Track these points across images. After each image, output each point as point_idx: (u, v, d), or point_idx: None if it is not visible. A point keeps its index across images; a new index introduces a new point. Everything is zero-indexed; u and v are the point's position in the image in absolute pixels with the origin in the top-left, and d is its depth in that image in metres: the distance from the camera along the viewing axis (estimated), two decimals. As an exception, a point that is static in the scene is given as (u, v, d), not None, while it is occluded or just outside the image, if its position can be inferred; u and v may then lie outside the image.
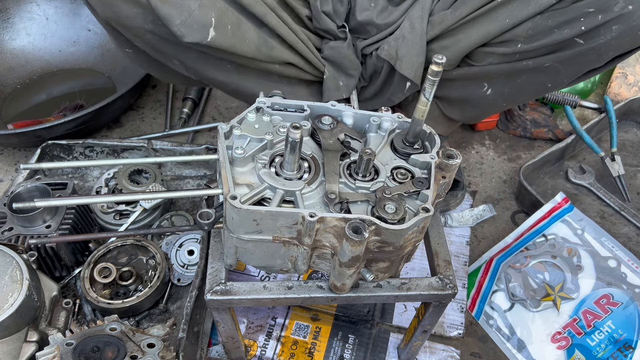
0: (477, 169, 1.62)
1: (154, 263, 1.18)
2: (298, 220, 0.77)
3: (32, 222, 1.10)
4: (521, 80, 1.13)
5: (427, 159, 0.87)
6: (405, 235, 0.78)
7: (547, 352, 1.19)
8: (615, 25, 0.97)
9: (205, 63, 1.13)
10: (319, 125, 0.91)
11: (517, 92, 1.18)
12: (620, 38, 0.99)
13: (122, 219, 1.26)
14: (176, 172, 1.45)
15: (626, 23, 0.97)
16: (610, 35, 0.99)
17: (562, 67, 1.07)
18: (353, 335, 1.21)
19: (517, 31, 1.04)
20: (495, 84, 1.16)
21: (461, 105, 1.27)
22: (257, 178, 0.83)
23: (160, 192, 1.23)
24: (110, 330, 0.89)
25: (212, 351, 1.17)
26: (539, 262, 1.28)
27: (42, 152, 1.36)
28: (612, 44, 1.00)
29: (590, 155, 1.64)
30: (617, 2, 0.95)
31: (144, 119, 1.73)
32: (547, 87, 1.14)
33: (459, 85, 1.20)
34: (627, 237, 1.45)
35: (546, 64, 1.07)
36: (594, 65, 1.07)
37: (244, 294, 0.86)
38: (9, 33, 1.79)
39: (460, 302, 1.27)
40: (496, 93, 1.18)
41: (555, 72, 1.09)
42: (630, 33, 0.98)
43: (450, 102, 1.27)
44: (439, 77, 0.78)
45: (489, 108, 1.27)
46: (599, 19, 0.97)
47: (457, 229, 1.43)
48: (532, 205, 1.43)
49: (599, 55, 1.03)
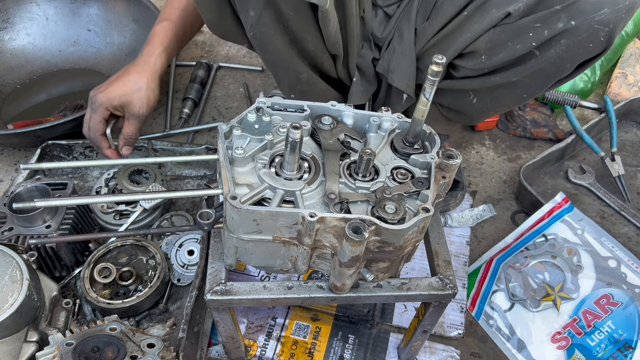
0: (477, 169, 1.62)
1: (154, 263, 1.18)
2: (298, 220, 0.77)
3: (32, 222, 1.10)
4: (498, 92, 1.16)
5: (427, 159, 0.87)
6: (405, 235, 0.78)
7: (547, 352, 1.19)
8: (563, 40, 0.99)
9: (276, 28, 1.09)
10: (319, 125, 0.91)
11: (497, 103, 1.21)
12: (572, 50, 1.01)
13: (122, 219, 1.26)
14: (176, 172, 1.45)
15: (573, 38, 0.99)
16: (561, 49, 1.01)
17: (528, 80, 1.10)
18: (353, 335, 1.21)
19: (478, 44, 1.07)
20: (479, 95, 1.19)
21: (454, 111, 1.29)
22: (257, 178, 0.83)
23: (160, 192, 1.23)
24: (110, 331, 0.89)
25: (212, 351, 1.17)
26: (539, 262, 1.28)
27: (42, 152, 1.36)
28: (566, 57, 1.02)
29: (590, 155, 1.64)
30: (559, 17, 0.97)
31: (144, 119, 1.73)
32: (523, 97, 1.17)
33: (449, 95, 1.22)
34: (627, 237, 1.45)
35: (513, 78, 1.09)
36: (559, 76, 1.09)
37: (244, 294, 0.86)
38: (9, 33, 1.78)
39: (460, 302, 1.27)
40: (481, 102, 1.21)
41: (524, 85, 1.11)
42: (580, 46, 1.00)
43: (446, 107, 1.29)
44: (439, 77, 0.78)
45: (478, 115, 1.29)
46: (545, 34, 0.99)
47: (457, 229, 1.43)
48: (532, 205, 1.43)
49: (558, 67, 1.05)
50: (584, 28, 0.97)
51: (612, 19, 0.95)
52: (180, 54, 1.95)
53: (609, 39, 0.99)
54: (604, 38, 0.98)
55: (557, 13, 0.97)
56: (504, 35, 1.03)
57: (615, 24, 0.96)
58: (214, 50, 2.00)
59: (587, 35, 0.98)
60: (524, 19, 1.00)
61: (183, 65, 1.91)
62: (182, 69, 1.90)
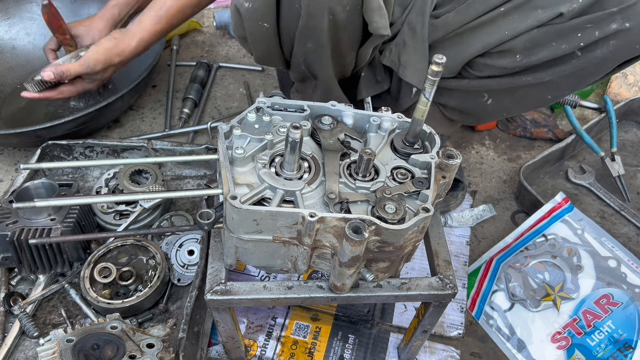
0: (477, 169, 1.62)
1: (154, 263, 1.18)
2: (298, 220, 0.77)
3: (37, 215, 1.12)
4: (521, 92, 1.14)
5: (427, 159, 0.87)
6: (405, 235, 0.78)
7: (547, 352, 1.19)
8: (613, 41, 0.99)
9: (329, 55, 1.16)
10: (319, 125, 0.91)
11: (517, 104, 1.19)
12: (618, 52, 1.01)
13: (122, 219, 1.26)
14: (176, 172, 1.45)
15: (624, 39, 0.98)
16: (608, 50, 1.00)
17: (561, 80, 1.08)
18: (353, 335, 1.21)
19: (515, 43, 1.04)
20: (496, 95, 1.17)
21: (461, 112, 1.27)
22: (257, 178, 0.83)
23: (160, 192, 1.23)
24: (111, 329, 0.89)
25: (212, 351, 1.17)
26: (539, 262, 1.28)
27: (42, 152, 1.36)
28: (610, 57, 1.02)
29: (590, 155, 1.64)
30: (614, 19, 0.96)
31: (144, 119, 1.73)
32: (547, 99, 1.16)
33: (459, 95, 1.20)
34: (627, 237, 1.45)
35: (546, 78, 1.08)
36: (594, 77, 1.08)
37: (244, 294, 0.86)
38: (9, 33, 1.79)
39: (460, 302, 1.27)
40: (496, 103, 1.19)
41: (555, 85, 1.10)
42: (628, 47, 1.00)
43: (451, 108, 1.27)
44: (439, 77, 0.78)
45: (488, 116, 1.28)
46: (596, 34, 0.98)
47: (457, 229, 1.43)
48: (532, 205, 1.43)
49: (597, 68, 1.05)
50: (638, 29, 0.96)
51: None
52: (180, 54, 1.95)
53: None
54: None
55: (612, 15, 0.96)
56: (549, 35, 1.01)
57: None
58: (214, 50, 2.00)
59: (636, 38, 0.97)
60: (576, 20, 0.99)
61: (183, 65, 1.91)
62: (182, 69, 1.90)
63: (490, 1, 1.04)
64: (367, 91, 1.28)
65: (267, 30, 1.13)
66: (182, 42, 2.01)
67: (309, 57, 1.16)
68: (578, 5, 0.97)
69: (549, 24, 1.01)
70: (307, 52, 1.14)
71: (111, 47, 1.32)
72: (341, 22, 1.08)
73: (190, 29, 2.05)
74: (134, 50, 1.34)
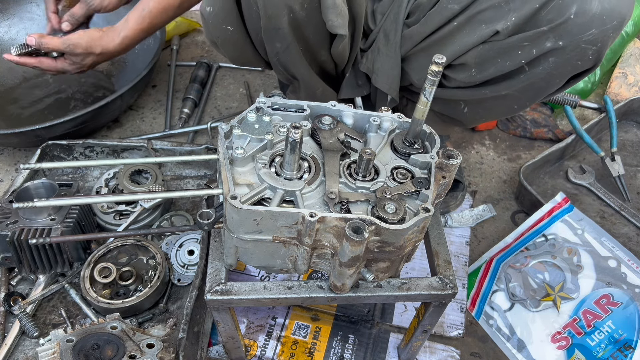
0: (477, 169, 1.62)
1: (154, 263, 1.18)
2: (298, 220, 0.77)
3: (37, 214, 1.12)
4: (488, 103, 1.16)
5: (427, 159, 0.87)
6: (405, 235, 0.78)
7: (547, 352, 1.19)
8: (552, 58, 1.00)
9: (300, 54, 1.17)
10: (319, 125, 0.91)
11: (488, 113, 1.22)
12: (561, 68, 1.02)
13: (122, 219, 1.26)
14: (176, 172, 1.45)
15: (561, 57, 0.99)
16: (549, 67, 1.02)
17: (519, 93, 1.10)
18: (353, 335, 1.21)
19: (468, 58, 1.07)
20: (470, 105, 1.19)
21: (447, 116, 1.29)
22: (257, 178, 0.83)
23: (160, 192, 1.23)
24: (111, 329, 0.89)
25: (212, 351, 1.17)
26: (539, 262, 1.28)
27: (42, 152, 1.37)
28: (555, 73, 1.03)
29: (590, 155, 1.64)
30: (547, 37, 0.98)
31: (144, 119, 1.73)
32: (514, 109, 1.18)
33: (440, 102, 1.22)
34: (627, 237, 1.45)
35: (503, 92, 1.10)
36: (549, 90, 1.09)
37: (244, 294, 0.86)
38: (9, 33, 1.78)
39: (460, 302, 1.27)
40: (472, 112, 1.21)
41: (515, 98, 1.12)
42: (568, 64, 1.01)
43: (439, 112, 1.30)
44: (439, 77, 0.78)
45: (471, 121, 1.30)
46: (534, 52, 1.00)
47: (457, 229, 1.43)
48: (532, 205, 1.43)
49: (547, 83, 1.06)
50: (572, 48, 0.98)
51: (599, 38, 0.96)
52: (180, 54, 1.95)
53: (598, 57, 0.99)
54: (592, 56, 0.99)
55: (544, 33, 0.97)
56: (493, 52, 1.04)
57: (603, 43, 0.97)
58: (214, 50, 2.00)
59: (575, 54, 0.99)
60: (513, 38, 1.01)
61: (183, 65, 1.91)
62: (182, 69, 1.90)
63: (444, 13, 1.06)
64: (347, 92, 1.31)
65: (233, 33, 1.16)
66: (182, 42, 2.01)
67: (282, 57, 1.17)
68: (512, 23, 0.99)
69: (490, 41, 1.04)
70: (278, 52, 1.16)
71: (96, 37, 1.34)
72: (302, 20, 1.09)
73: (190, 29, 2.05)
74: (117, 47, 1.36)
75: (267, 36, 1.12)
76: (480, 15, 1.02)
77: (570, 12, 0.94)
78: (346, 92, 1.31)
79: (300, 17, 1.08)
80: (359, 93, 1.31)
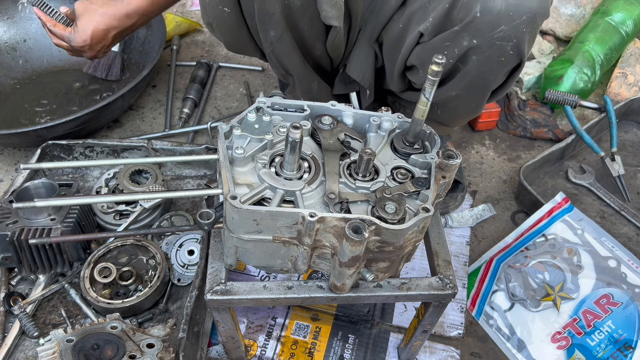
0: (477, 169, 1.62)
1: (154, 263, 1.18)
2: (298, 220, 0.77)
3: (37, 215, 1.12)
4: (451, 104, 1.17)
5: (427, 159, 0.87)
6: (405, 235, 0.78)
7: (547, 352, 1.19)
8: (474, 56, 1.01)
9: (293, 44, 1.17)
10: (319, 125, 0.91)
11: (455, 114, 1.23)
12: (486, 65, 1.02)
13: (122, 219, 1.26)
14: (176, 172, 1.45)
15: (481, 54, 1.00)
16: (475, 64, 1.02)
17: (467, 93, 1.11)
18: (353, 335, 1.21)
19: (412, 60, 1.09)
20: (439, 106, 1.20)
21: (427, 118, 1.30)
22: (257, 178, 0.83)
23: (160, 192, 1.23)
24: (111, 329, 0.89)
25: (212, 351, 1.17)
26: (539, 262, 1.28)
27: (42, 152, 1.37)
28: (484, 70, 1.03)
29: (590, 155, 1.64)
30: (462, 36, 0.98)
31: (144, 119, 1.73)
32: (473, 108, 1.18)
33: None
34: (627, 237, 1.45)
35: (453, 92, 1.11)
36: (490, 87, 1.09)
37: (244, 294, 0.86)
38: (8, 33, 1.79)
39: (460, 302, 1.27)
40: (443, 113, 1.22)
41: (466, 97, 1.12)
42: (491, 61, 1.01)
43: None
44: (439, 77, 0.78)
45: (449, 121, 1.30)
46: (456, 52, 1.01)
47: (457, 229, 1.43)
48: (532, 205, 1.43)
49: (483, 79, 1.06)
50: (487, 45, 0.98)
51: (512, 34, 0.96)
52: (180, 54, 1.95)
53: (519, 52, 0.99)
54: (513, 52, 0.99)
55: (459, 33, 0.98)
56: (425, 53, 1.05)
57: (518, 39, 0.97)
58: (214, 50, 2.00)
59: (493, 52, 0.99)
60: (435, 39, 1.02)
61: (183, 65, 1.91)
62: (182, 69, 1.90)
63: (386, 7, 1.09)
64: (339, 88, 1.31)
65: (229, 15, 1.15)
66: (182, 42, 2.01)
67: (276, 48, 1.17)
68: (430, 24, 1.00)
69: (421, 42, 1.05)
70: (272, 42, 1.16)
71: None
72: (296, 9, 1.09)
73: (190, 29, 2.05)
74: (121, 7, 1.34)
75: (261, 22, 1.12)
76: (413, 15, 1.05)
77: (475, 10, 0.94)
78: (339, 88, 1.31)
79: (294, 5, 1.08)
80: (349, 90, 1.31)
